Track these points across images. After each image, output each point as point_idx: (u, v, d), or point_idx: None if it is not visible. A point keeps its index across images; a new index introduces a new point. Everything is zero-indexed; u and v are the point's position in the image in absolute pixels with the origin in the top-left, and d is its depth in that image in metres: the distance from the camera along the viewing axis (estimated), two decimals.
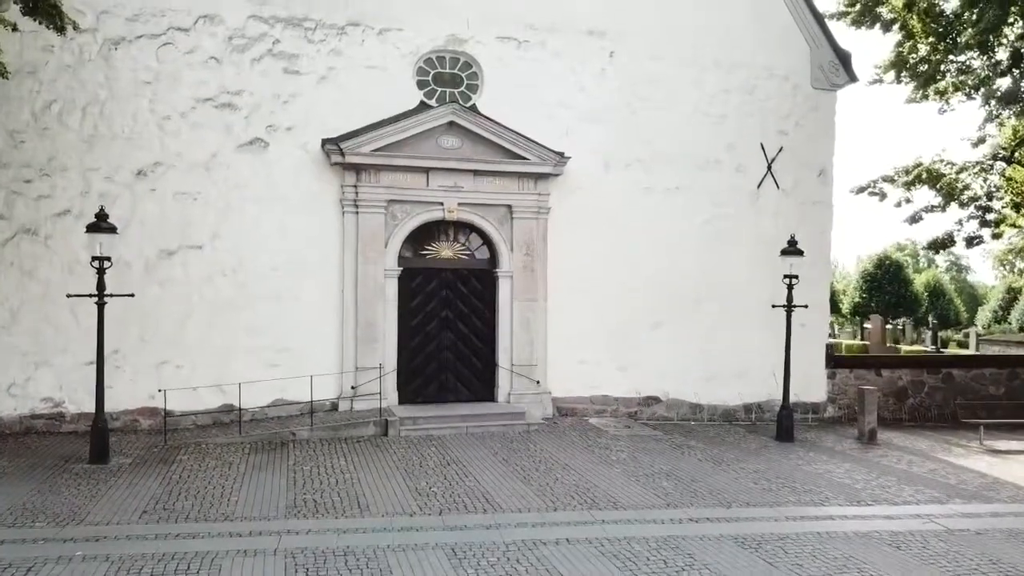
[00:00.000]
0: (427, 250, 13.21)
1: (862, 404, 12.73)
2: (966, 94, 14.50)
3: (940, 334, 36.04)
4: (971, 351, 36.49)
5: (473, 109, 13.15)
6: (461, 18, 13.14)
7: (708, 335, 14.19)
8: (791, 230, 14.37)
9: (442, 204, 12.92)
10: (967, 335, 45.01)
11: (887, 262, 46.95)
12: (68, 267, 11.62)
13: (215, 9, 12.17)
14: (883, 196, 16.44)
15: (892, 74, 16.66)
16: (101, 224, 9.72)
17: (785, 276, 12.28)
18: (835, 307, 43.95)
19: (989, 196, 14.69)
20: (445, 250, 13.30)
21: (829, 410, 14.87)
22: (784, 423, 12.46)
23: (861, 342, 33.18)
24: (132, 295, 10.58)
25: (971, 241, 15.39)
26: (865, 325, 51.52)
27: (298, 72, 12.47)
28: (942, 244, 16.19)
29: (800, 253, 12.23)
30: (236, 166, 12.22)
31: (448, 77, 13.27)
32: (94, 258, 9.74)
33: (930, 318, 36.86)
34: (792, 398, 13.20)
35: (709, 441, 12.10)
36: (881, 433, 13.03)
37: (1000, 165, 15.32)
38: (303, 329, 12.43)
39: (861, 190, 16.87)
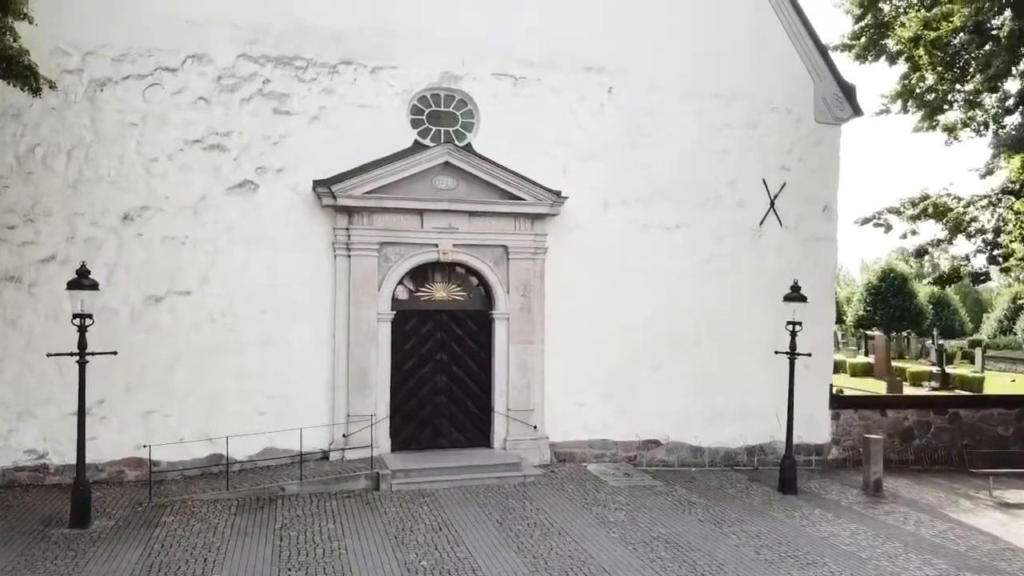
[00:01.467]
0: (421, 291, 12.91)
1: (867, 453, 12.39)
2: (975, 130, 14.15)
3: (945, 348, 35.62)
4: (977, 367, 36.18)
5: (468, 148, 12.85)
6: (456, 55, 12.84)
7: (709, 375, 13.87)
8: (794, 267, 14.15)
9: (437, 246, 12.61)
10: (972, 345, 44.64)
11: (891, 275, 46.60)
12: (53, 315, 11.33)
13: (204, 48, 11.88)
14: (888, 228, 16.11)
15: (899, 104, 16.30)
16: (83, 281, 9.43)
17: (788, 322, 11.95)
18: (839, 318, 43.72)
19: (997, 232, 14.34)
20: (440, 291, 13.00)
21: (833, 451, 14.53)
22: (787, 473, 12.13)
23: (865, 360, 32.70)
24: (115, 353, 10.26)
25: (977, 277, 15.07)
26: (869, 334, 51.34)
27: (289, 112, 12.17)
28: (948, 279, 15.86)
29: (803, 299, 11.90)
30: (225, 209, 11.93)
31: (443, 115, 12.97)
32: (75, 315, 9.44)
33: (934, 334, 36.38)
34: (795, 439, 12.86)
35: (711, 495, 11.76)
36: (887, 479, 12.69)
37: (1008, 199, 14.96)
38: (294, 375, 12.14)
39: (866, 221, 16.52)
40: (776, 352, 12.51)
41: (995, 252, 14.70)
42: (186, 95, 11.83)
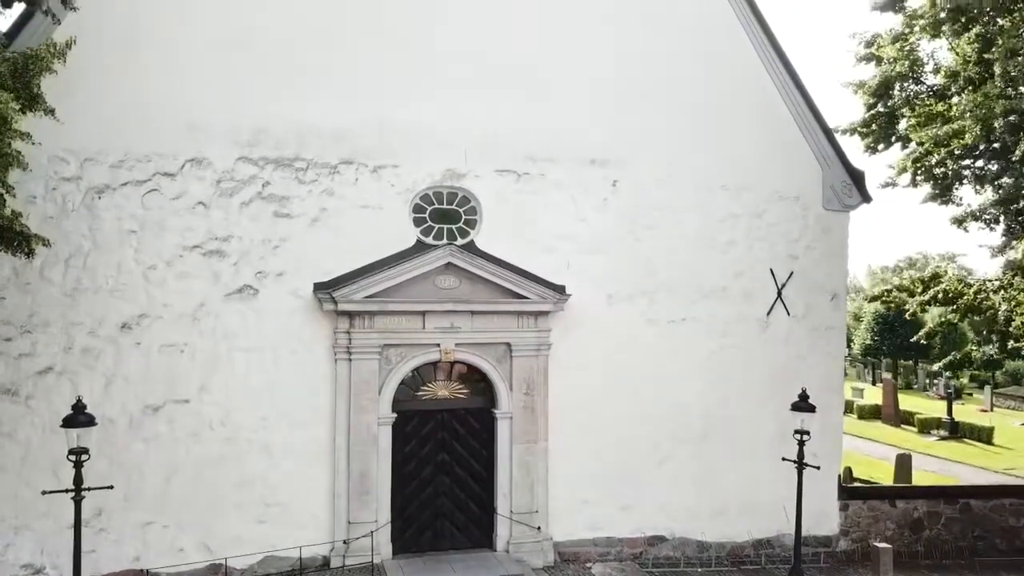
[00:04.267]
0: (423, 391, 12.75)
1: (876, 562, 12.16)
2: (985, 223, 13.91)
3: (954, 383, 35.27)
4: (985, 406, 35.87)
5: (471, 245, 12.70)
6: (459, 152, 12.68)
7: (715, 470, 13.66)
8: (802, 357, 14.00)
9: (438, 346, 12.46)
10: (979, 370, 44.20)
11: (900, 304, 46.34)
12: (50, 427, 11.16)
13: (203, 152, 11.75)
14: (899, 306, 15.85)
15: (907, 176, 16.06)
16: (78, 417, 9.29)
17: (796, 431, 11.73)
18: (847, 343, 43.39)
19: (1008, 320, 14.10)
20: (441, 390, 12.84)
21: (842, 543, 14.30)
22: None
23: (872, 403, 32.40)
24: (111, 487, 10.15)
25: (988, 364, 14.76)
26: (877, 364, 50.94)
27: (289, 215, 12.03)
28: (959, 365, 15.63)
29: (811, 409, 11.68)
30: (224, 315, 11.79)
31: (445, 213, 12.80)
32: (71, 451, 9.30)
33: (943, 376, 35.96)
34: (803, 531, 12.58)
35: None
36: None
37: (1020, 280, 14.68)
38: (294, 482, 11.99)
39: (875, 299, 16.29)
40: (783, 459, 12.30)
41: (1008, 342, 14.47)
42: (185, 200, 11.70)
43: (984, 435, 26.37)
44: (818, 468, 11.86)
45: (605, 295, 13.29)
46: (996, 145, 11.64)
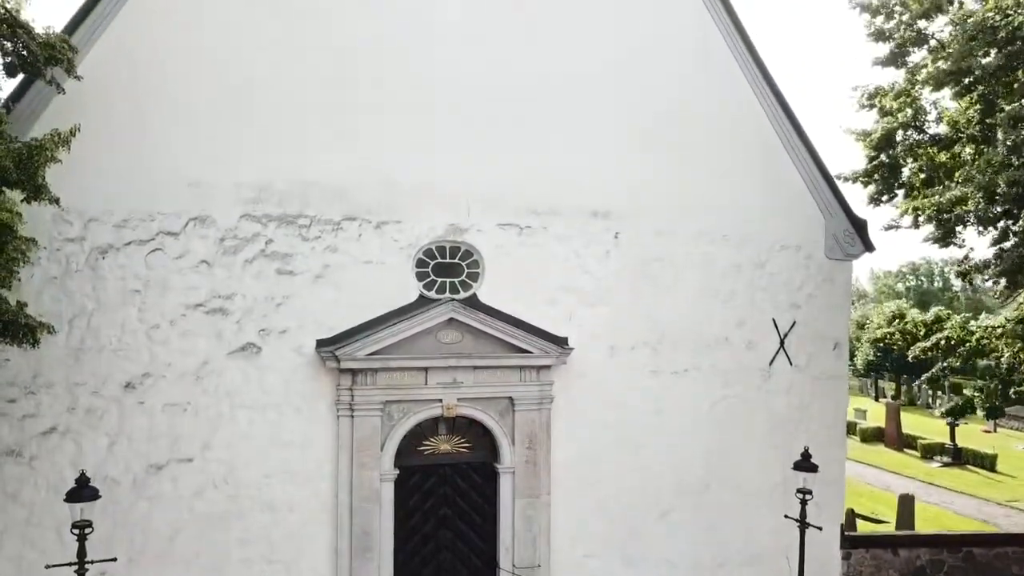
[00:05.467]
0: (425, 445, 12.76)
1: None
2: (989, 278, 13.89)
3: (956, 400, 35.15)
4: (989, 427, 35.74)
5: (474, 299, 12.71)
6: (461, 207, 12.70)
7: (718, 521, 13.68)
8: (804, 407, 14.01)
9: (441, 401, 12.47)
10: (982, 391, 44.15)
11: (903, 320, 46.09)
12: (54, 488, 11.18)
13: (206, 210, 11.78)
14: (904, 349, 15.83)
15: (909, 218, 16.06)
16: (83, 492, 9.31)
17: (798, 491, 11.74)
18: (850, 356, 43.31)
19: (1011, 369, 14.09)
20: (444, 444, 12.85)
21: None
22: None
23: (875, 426, 32.36)
24: (114, 559, 10.17)
25: (991, 411, 14.79)
26: (880, 377, 50.92)
27: (292, 272, 12.05)
28: (961, 411, 15.63)
29: (814, 468, 11.68)
30: (227, 373, 11.81)
31: (448, 266, 12.81)
32: (75, 524, 9.33)
33: (946, 386, 35.76)
34: None
35: None
36: None
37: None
38: (297, 540, 12.01)
39: (877, 341, 16.29)
40: (786, 516, 12.30)
41: (1011, 390, 14.46)
42: (188, 259, 11.72)
43: (987, 462, 26.32)
44: (820, 529, 11.85)
45: (608, 347, 13.29)
46: (999, 209, 11.65)
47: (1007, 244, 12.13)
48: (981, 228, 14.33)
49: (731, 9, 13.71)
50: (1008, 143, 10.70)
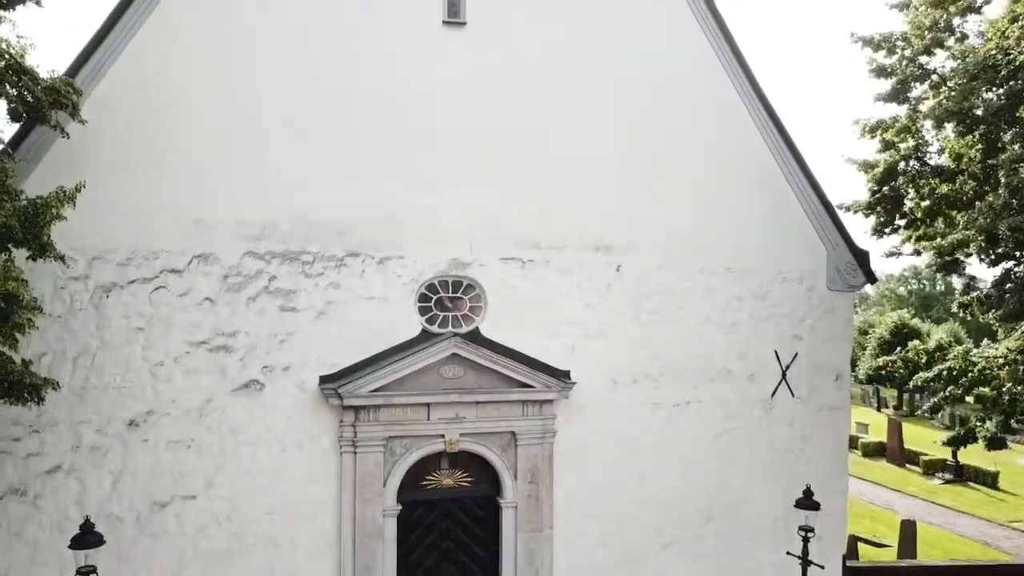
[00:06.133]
0: (428, 480, 12.79)
1: None
2: (992, 319, 13.81)
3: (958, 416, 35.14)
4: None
5: (476, 333, 12.75)
6: (464, 242, 12.74)
7: (720, 554, 13.70)
8: (806, 439, 14.04)
9: (443, 436, 12.50)
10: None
11: (904, 329, 46.13)
12: (58, 526, 11.25)
13: (210, 248, 11.82)
14: (907, 380, 15.85)
15: (910, 246, 16.08)
16: (87, 538, 9.35)
17: (800, 528, 11.75)
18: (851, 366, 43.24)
19: (1013, 401, 14.09)
20: (446, 479, 12.88)
21: None
22: None
23: (877, 440, 32.36)
24: None
25: (993, 442, 14.79)
26: (880, 391, 50.81)
27: (295, 308, 12.09)
28: (962, 440, 15.68)
29: (816, 507, 11.70)
30: (231, 410, 11.85)
31: (450, 301, 12.84)
32: (79, 570, 9.37)
33: (947, 409, 35.84)
34: None
35: None
36: None
37: None
38: None
39: (879, 369, 16.36)
40: (788, 553, 12.32)
41: (1011, 421, 14.46)
42: (192, 296, 11.76)
43: (989, 479, 26.35)
44: (822, 567, 11.87)
45: (610, 380, 13.32)
46: (1001, 250, 11.66)
47: (1008, 285, 12.16)
48: (983, 258, 14.32)
49: (733, 43, 13.75)
50: (1010, 186, 10.71)
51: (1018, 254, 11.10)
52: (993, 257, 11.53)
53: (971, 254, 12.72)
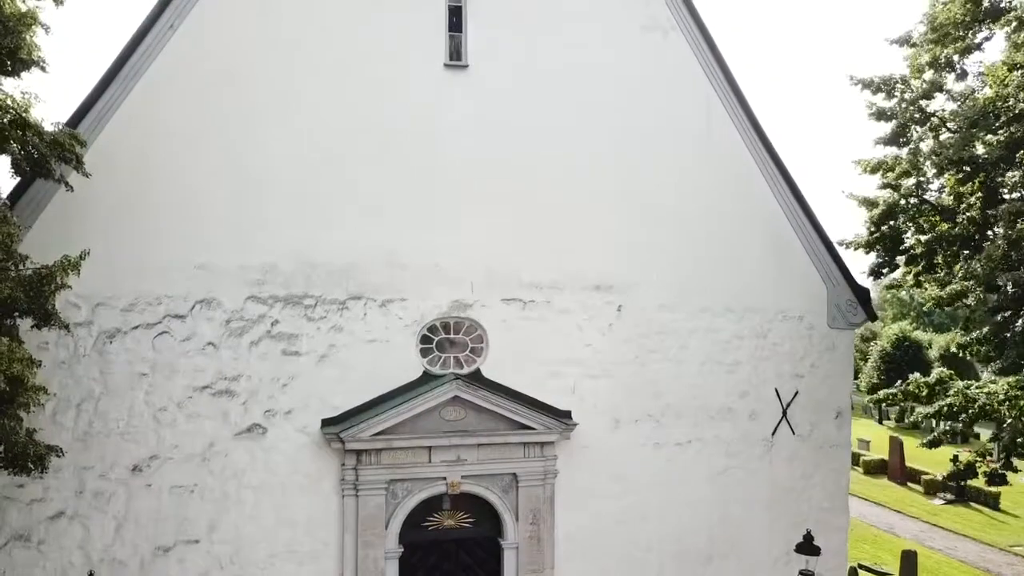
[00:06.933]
0: (429, 521, 12.83)
1: None
2: (991, 370, 13.80)
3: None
4: (992, 457, 35.68)
5: (477, 373, 12.79)
6: (465, 283, 12.79)
7: None
8: (807, 476, 14.07)
9: (445, 478, 12.55)
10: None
11: (906, 343, 46.11)
12: (62, 572, 11.34)
13: (213, 292, 11.89)
14: (909, 412, 15.88)
15: (911, 278, 16.11)
16: None
17: (801, 572, 11.78)
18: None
19: (1013, 438, 14.11)
20: (448, 520, 12.92)
21: None
22: None
23: (878, 457, 32.38)
24: None
25: (993, 478, 14.83)
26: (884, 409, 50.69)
27: (297, 353, 12.15)
28: (963, 476, 15.67)
29: (817, 552, 11.73)
30: (234, 454, 11.91)
31: (452, 341, 12.89)
32: None
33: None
34: None
35: None
36: None
37: None
38: None
39: (880, 402, 16.33)
40: None
41: (1012, 458, 14.47)
42: (195, 341, 11.82)
43: (991, 500, 26.28)
44: None
45: (612, 419, 13.36)
46: (998, 302, 11.66)
47: (1007, 335, 12.20)
48: (983, 310, 14.21)
49: (734, 83, 13.78)
50: (1008, 239, 10.75)
51: (1016, 309, 11.14)
52: (992, 306, 11.54)
53: (970, 305, 12.75)
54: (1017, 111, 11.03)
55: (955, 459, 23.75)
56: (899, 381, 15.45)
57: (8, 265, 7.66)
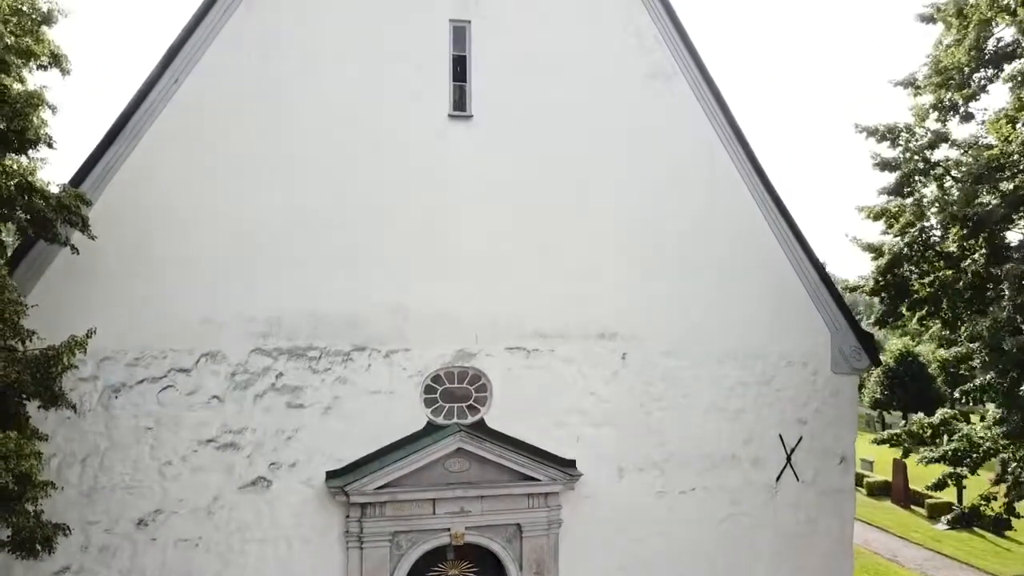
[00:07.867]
0: (433, 572, 12.82)
1: None
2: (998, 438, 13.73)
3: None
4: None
5: (481, 424, 12.81)
6: (470, 333, 12.80)
7: None
8: (812, 522, 14.08)
9: (449, 530, 12.55)
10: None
11: (909, 358, 46.02)
12: None
13: (217, 346, 11.92)
14: (907, 453, 15.91)
15: (915, 320, 16.08)
16: None
17: None
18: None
19: (1016, 483, 14.08)
20: (452, 570, 12.92)
21: None
22: None
23: (882, 479, 32.29)
24: None
25: (998, 524, 14.76)
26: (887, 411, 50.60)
27: (302, 405, 12.17)
28: (967, 520, 15.69)
29: None
30: (238, 508, 11.93)
31: (456, 391, 12.90)
32: None
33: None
34: None
35: None
36: None
37: None
38: None
39: (883, 442, 16.32)
40: None
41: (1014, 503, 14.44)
42: (200, 395, 11.85)
43: (996, 523, 26.15)
44: None
45: (615, 468, 13.36)
46: (1002, 366, 11.64)
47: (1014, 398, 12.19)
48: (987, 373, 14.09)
49: (737, 128, 13.79)
50: (1014, 302, 10.73)
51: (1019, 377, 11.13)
52: (999, 368, 11.54)
53: (975, 367, 12.75)
54: (1022, 167, 11.04)
55: (959, 482, 23.58)
56: (902, 421, 15.34)
57: (15, 343, 7.68)
